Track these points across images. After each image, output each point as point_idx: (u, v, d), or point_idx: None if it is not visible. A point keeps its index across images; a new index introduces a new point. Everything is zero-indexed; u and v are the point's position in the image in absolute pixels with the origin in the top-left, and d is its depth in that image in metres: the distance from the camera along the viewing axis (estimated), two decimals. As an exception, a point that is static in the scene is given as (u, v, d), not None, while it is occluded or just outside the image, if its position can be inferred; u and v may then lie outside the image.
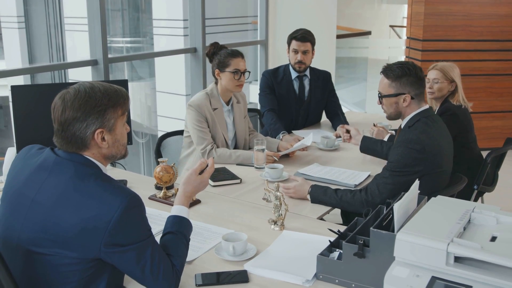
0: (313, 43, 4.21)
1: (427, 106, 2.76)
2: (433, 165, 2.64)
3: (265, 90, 4.25)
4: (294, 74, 4.28)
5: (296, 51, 4.18)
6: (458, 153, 2.93)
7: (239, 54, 3.43)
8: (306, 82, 4.32)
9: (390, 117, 2.83)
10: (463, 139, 3.52)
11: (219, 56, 3.41)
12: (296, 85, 4.29)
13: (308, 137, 3.50)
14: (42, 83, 6.40)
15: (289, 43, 4.23)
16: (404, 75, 2.70)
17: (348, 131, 3.43)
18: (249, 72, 3.46)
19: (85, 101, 1.74)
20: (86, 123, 1.74)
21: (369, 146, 3.31)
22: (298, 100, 4.30)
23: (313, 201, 2.73)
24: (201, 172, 2.10)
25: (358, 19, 14.13)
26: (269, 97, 4.21)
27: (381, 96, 2.80)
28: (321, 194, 2.71)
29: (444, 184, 2.76)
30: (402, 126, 2.79)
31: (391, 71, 2.73)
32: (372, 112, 7.90)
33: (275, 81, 4.25)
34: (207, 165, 2.12)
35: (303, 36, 4.16)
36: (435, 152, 2.64)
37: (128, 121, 3.13)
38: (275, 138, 3.85)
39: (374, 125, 3.90)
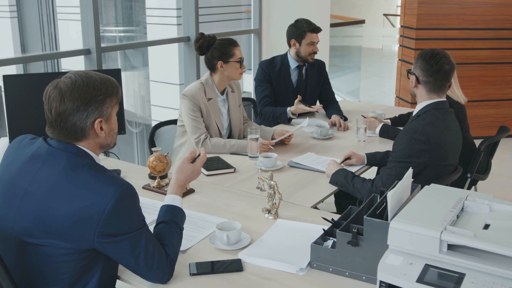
0: None
1: (441, 99, 2.72)
2: (437, 157, 2.63)
3: (262, 80, 4.23)
4: (293, 64, 4.27)
5: (313, 43, 4.18)
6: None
7: (237, 42, 3.44)
8: (304, 71, 4.32)
9: (410, 94, 2.87)
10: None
11: (219, 47, 3.38)
12: (294, 74, 4.29)
13: (304, 121, 3.52)
14: (35, 72, 6.37)
15: (301, 36, 4.16)
16: (421, 58, 2.70)
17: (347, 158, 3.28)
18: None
19: (84, 90, 1.73)
20: (86, 113, 1.74)
21: (375, 162, 3.18)
22: (295, 89, 4.29)
23: (331, 181, 2.83)
24: (194, 161, 2.10)
25: (352, 7, 14.13)
26: (266, 86, 4.20)
27: (407, 70, 2.85)
28: (340, 176, 2.80)
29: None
30: (413, 114, 2.80)
31: (420, 51, 2.75)
32: (366, 101, 7.91)
33: (272, 71, 4.23)
34: (199, 154, 2.12)
35: (318, 28, 4.19)
36: (440, 145, 2.63)
37: (121, 110, 3.14)
38: (286, 118, 4.01)
39: (364, 117, 3.89)
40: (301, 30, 4.17)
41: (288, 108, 3.98)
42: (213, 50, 3.39)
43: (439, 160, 2.65)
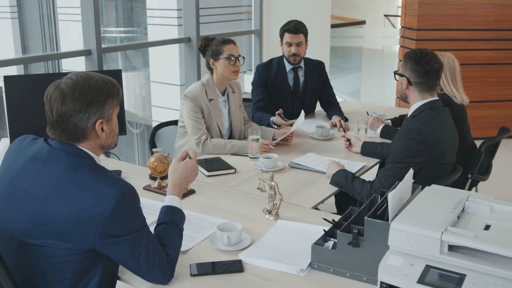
0: (306, 34, 4.15)
1: (434, 98, 2.74)
2: (434, 156, 2.64)
3: (257, 84, 4.22)
4: (288, 67, 4.25)
5: (289, 44, 4.12)
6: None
7: (231, 41, 3.43)
8: (301, 74, 4.29)
9: (400, 96, 2.86)
10: (458, 130, 3.51)
11: (211, 46, 3.41)
12: (290, 77, 4.26)
13: (299, 118, 3.49)
14: (35, 73, 6.38)
15: (281, 36, 4.16)
16: (410, 59, 2.71)
17: (348, 140, 3.40)
18: (244, 57, 3.45)
19: (86, 91, 1.73)
20: (88, 114, 1.74)
21: (370, 150, 3.28)
22: (293, 92, 4.28)
23: (332, 182, 2.82)
24: None
25: (353, 8, 14.13)
26: (260, 90, 4.19)
27: (394, 72, 2.86)
28: (341, 177, 2.79)
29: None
30: (408, 115, 2.80)
31: (407, 53, 2.76)
32: (367, 102, 7.91)
33: (268, 75, 4.21)
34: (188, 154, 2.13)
35: (296, 28, 4.08)
36: (436, 144, 2.64)
37: (122, 111, 3.14)
38: (269, 125, 3.90)
39: (368, 114, 3.90)
40: (281, 30, 4.17)
41: (271, 118, 3.94)
42: (208, 50, 3.43)
43: (436, 159, 2.66)
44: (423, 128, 2.62)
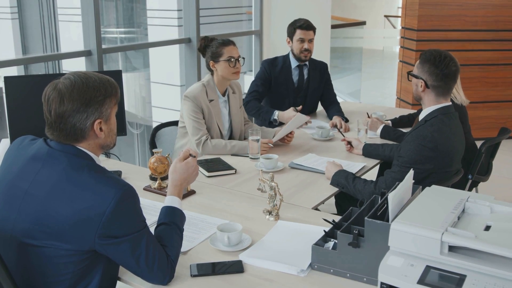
0: (315, 31, 4.27)
1: (448, 103, 2.72)
2: (443, 164, 2.63)
3: (260, 77, 4.25)
4: (294, 64, 4.30)
5: (302, 40, 4.20)
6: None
7: (231, 42, 3.43)
8: (306, 72, 4.34)
9: (414, 97, 2.84)
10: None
11: (211, 48, 3.41)
12: (295, 74, 4.31)
13: (294, 119, 3.48)
14: (36, 74, 6.38)
15: (292, 33, 4.23)
16: (428, 62, 2.66)
17: (349, 143, 3.40)
18: (244, 58, 3.45)
19: (83, 91, 1.72)
20: (86, 114, 1.73)
21: (371, 151, 3.28)
22: (296, 90, 4.31)
23: (332, 182, 2.81)
24: None
25: (353, 9, 14.14)
26: (261, 83, 4.21)
27: (408, 72, 2.83)
28: (341, 177, 2.78)
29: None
30: (419, 118, 2.78)
31: (424, 54, 2.72)
32: (367, 102, 7.91)
33: (273, 71, 4.25)
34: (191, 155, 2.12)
35: (308, 25, 4.21)
36: (447, 152, 2.63)
37: (122, 112, 3.14)
38: (269, 118, 3.94)
39: (368, 115, 3.90)
40: (292, 27, 4.25)
41: (276, 112, 3.96)
42: (207, 51, 3.43)
43: (444, 167, 2.65)
44: (436, 136, 2.60)
